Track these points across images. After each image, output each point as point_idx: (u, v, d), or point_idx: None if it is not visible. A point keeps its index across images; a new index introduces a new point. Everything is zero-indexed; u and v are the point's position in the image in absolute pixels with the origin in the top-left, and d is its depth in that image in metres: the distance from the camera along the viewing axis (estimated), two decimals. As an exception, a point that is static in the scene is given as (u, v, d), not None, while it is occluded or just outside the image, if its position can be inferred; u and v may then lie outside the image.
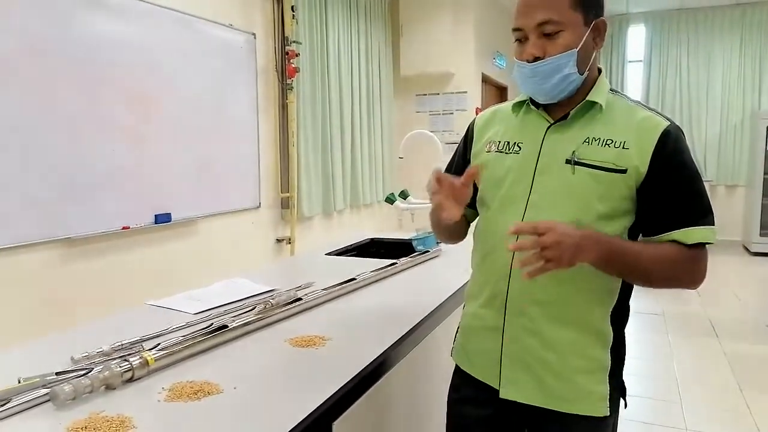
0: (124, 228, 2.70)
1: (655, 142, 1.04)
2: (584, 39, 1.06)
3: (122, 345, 1.20)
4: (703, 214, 1.06)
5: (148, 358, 1.07)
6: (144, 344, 1.21)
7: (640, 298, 4.30)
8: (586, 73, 1.09)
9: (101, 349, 1.18)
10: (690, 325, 3.99)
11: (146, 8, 2.78)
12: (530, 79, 1.08)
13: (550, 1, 1.04)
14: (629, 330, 1.15)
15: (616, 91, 1.15)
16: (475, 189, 1.24)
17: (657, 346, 3.69)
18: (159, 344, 1.15)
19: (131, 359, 1.06)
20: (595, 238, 1.00)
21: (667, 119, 1.08)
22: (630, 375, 3.05)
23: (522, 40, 1.09)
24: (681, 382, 3.09)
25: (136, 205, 2.76)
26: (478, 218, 1.26)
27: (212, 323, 1.28)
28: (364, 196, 4.94)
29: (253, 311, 1.39)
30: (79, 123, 2.48)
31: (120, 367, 1.03)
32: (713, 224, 1.07)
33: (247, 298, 1.61)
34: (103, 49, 2.57)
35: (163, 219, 2.88)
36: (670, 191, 1.05)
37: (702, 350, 3.55)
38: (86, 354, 1.16)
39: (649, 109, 1.11)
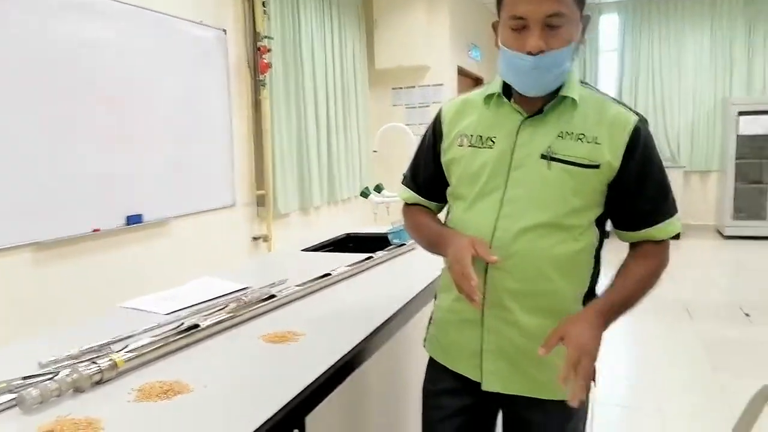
0: (94, 231, 2.66)
1: (627, 138, 1.07)
2: (578, 34, 1.07)
3: (91, 348, 1.18)
4: (670, 207, 1.12)
5: (117, 360, 1.06)
6: (113, 346, 1.19)
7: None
8: (572, 68, 1.10)
9: (69, 353, 1.16)
10: (664, 308, 4.07)
11: (113, 6, 2.72)
12: (531, 71, 1.04)
13: None
14: None
15: (585, 83, 1.16)
16: (447, 183, 1.24)
17: (631, 330, 3.75)
18: (128, 345, 1.13)
19: (100, 361, 1.05)
20: (601, 318, 1.05)
21: (636, 113, 1.11)
22: (602, 358, 3.12)
23: (519, 30, 1.03)
24: (655, 365, 3.16)
25: (106, 206, 2.72)
26: (450, 212, 1.24)
27: (183, 323, 1.27)
28: (342, 191, 4.93)
29: (225, 309, 1.38)
30: (45, 124, 2.43)
31: (88, 369, 1.02)
32: (677, 210, 1.14)
33: (220, 296, 1.59)
34: (68, 48, 2.52)
35: (134, 220, 2.84)
36: (643, 188, 1.09)
37: (675, 333, 3.63)
38: (54, 358, 1.15)
39: (618, 102, 1.13)
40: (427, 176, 1.28)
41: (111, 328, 1.32)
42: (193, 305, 1.52)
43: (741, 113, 6.39)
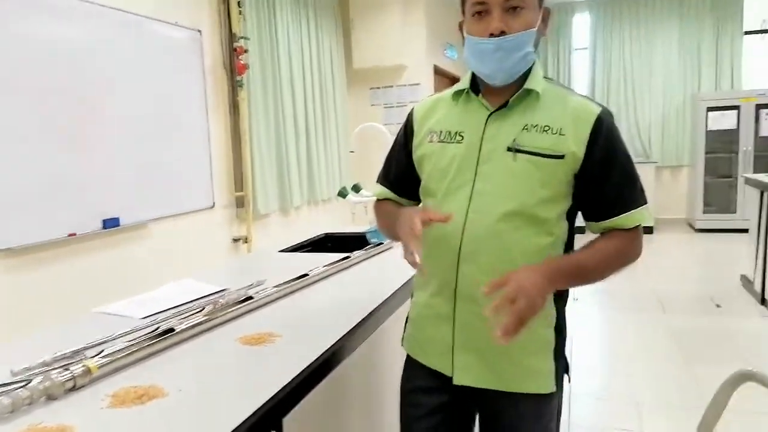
0: (70, 235, 2.61)
1: (591, 128, 1.09)
2: (538, 21, 1.11)
3: (64, 354, 1.17)
4: (638, 196, 1.13)
5: (91, 366, 1.05)
6: (87, 352, 1.18)
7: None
8: (536, 56, 1.13)
9: (42, 360, 1.15)
10: (637, 301, 4.16)
11: (85, 7, 2.68)
12: (493, 54, 1.08)
13: None
14: (578, 306, 1.21)
15: (549, 78, 1.19)
16: (419, 180, 1.27)
17: (605, 324, 3.83)
18: (102, 351, 1.13)
19: (72, 368, 1.04)
20: (554, 272, 1.05)
21: (599, 105, 1.13)
22: (578, 351, 3.18)
23: (481, 14, 1.08)
24: (630, 356, 3.23)
25: (82, 210, 2.68)
26: (422, 207, 1.28)
27: (158, 327, 1.27)
28: (321, 191, 4.93)
29: (202, 312, 1.38)
30: (18, 127, 2.38)
31: (61, 376, 1.01)
32: (646, 201, 1.15)
33: (197, 299, 1.59)
34: (41, 50, 2.47)
35: (111, 224, 2.80)
36: (608, 177, 1.11)
37: (649, 324, 3.71)
38: (27, 366, 1.13)
39: (581, 95, 1.17)
40: (399, 173, 1.31)
41: (85, 334, 1.31)
42: (169, 308, 1.51)
43: (710, 109, 6.54)
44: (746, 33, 6.90)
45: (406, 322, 1.32)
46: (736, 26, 6.83)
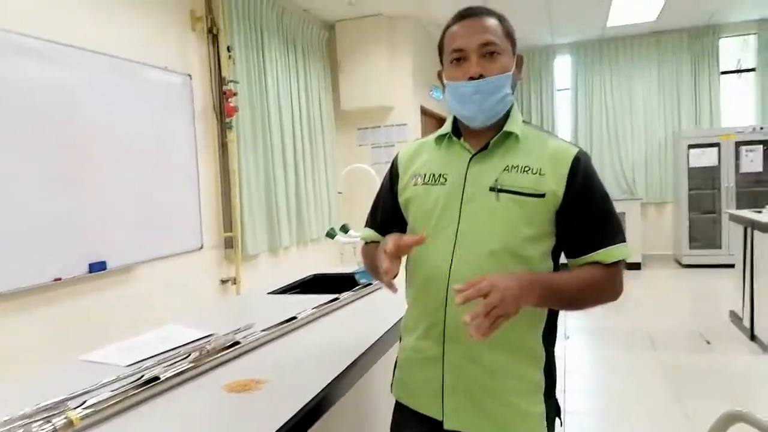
0: (56, 280, 2.58)
1: (569, 167, 1.13)
2: (513, 66, 1.17)
3: (46, 405, 1.15)
4: (617, 233, 1.16)
5: (73, 418, 1.03)
6: (70, 402, 1.16)
7: (578, 315, 4.44)
8: (513, 100, 1.18)
9: (24, 412, 1.12)
10: (628, 339, 4.15)
11: (76, 54, 2.73)
12: (472, 97, 1.14)
13: (489, 27, 1.14)
14: (570, 346, 1.22)
15: (527, 122, 1.24)
16: (405, 222, 1.29)
17: (596, 361, 3.81)
18: (85, 401, 1.11)
19: (54, 420, 1.02)
20: (530, 282, 1.04)
21: (576, 146, 1.18)
22: (570, 391, 3.15)
23: (460, 61, 1.15)
24: (621, 396, 3.20)
25: (68, 254, 2.65)
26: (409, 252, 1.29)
27: (143, 375, 1.25)
28: (311, 231, 4.93)
29: (188, 359, 1.36)
30: (4, 170, 2.38)
31: (42, 429, 0.99)
32: (625, 240, 1.17)
33: (183, 345, 1.57)
34: (31, 93, 2.50)
35: (97, 267, 2.78)
36: (587, 214, 1.14)
37: (640, 362, 3.69)
38: (8, 418, 1.10)
39: (559, 138, 1.22)
40: (385, 216, 1.34)
41: (69, 383, 1.28)
42: (155, 355, 1.49)
43: (691, 146, 6.68)
44: (723, 73, 7.14)
45: (395, 367, 1.31)
46: (713, 66, 7.07)
